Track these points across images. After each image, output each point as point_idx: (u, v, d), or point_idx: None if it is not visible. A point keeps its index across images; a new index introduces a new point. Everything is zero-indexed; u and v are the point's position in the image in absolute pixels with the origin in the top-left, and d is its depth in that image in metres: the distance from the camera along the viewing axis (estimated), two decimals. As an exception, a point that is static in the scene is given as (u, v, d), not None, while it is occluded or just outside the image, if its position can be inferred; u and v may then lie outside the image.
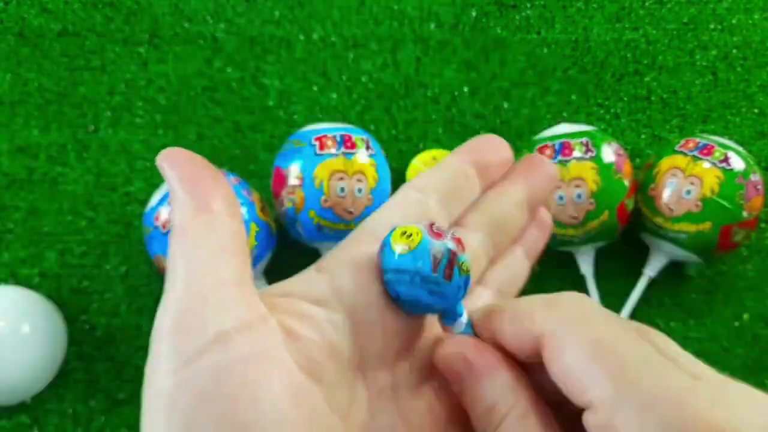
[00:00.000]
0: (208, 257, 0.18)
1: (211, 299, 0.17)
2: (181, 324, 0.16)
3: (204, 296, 0.17)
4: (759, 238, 0.55)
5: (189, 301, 0.17)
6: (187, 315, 0.16)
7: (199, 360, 0.16)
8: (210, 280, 0.17)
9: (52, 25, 0.59)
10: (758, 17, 0.62)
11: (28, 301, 0.48)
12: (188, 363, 0.16)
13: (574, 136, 0.48)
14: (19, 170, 0.55)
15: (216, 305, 0.17)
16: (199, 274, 0.17)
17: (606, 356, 0.16)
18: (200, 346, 0.16)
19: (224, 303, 0.17)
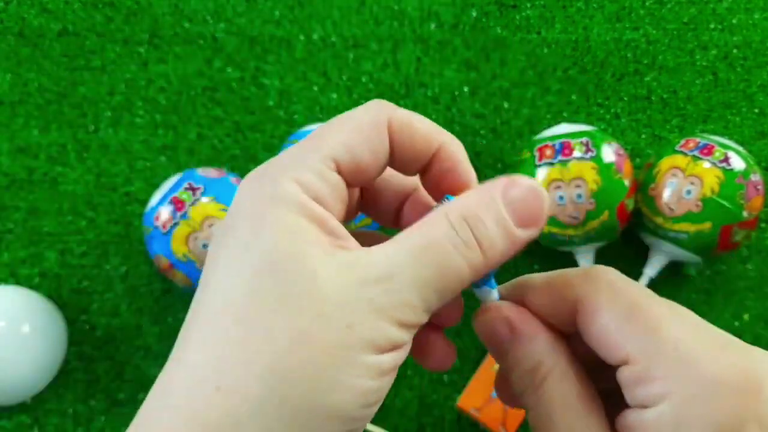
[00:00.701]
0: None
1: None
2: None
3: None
4: (759, 238, 0.55)
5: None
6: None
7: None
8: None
9: (52, 25, 0.59)
10: (759, 17, 0.62)
11: (28, 301, 0.48)
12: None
13: (574, 136, 0.48)
14: (19, 170, 0.55)
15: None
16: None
17: (641, 316, 0.18)
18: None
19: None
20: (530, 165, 0.48)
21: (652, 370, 0.17)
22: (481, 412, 0.47)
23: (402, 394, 0.50)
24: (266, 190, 0.18)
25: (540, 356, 0.20)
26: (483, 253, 0.18)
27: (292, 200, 0.18)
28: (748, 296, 0.53)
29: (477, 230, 0.18)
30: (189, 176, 0.47)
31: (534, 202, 0.19)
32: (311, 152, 0.19)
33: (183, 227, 0.45)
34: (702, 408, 0.16)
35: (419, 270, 0.18)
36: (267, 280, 0.17)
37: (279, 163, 0.19)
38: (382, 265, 0.17)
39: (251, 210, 0.18)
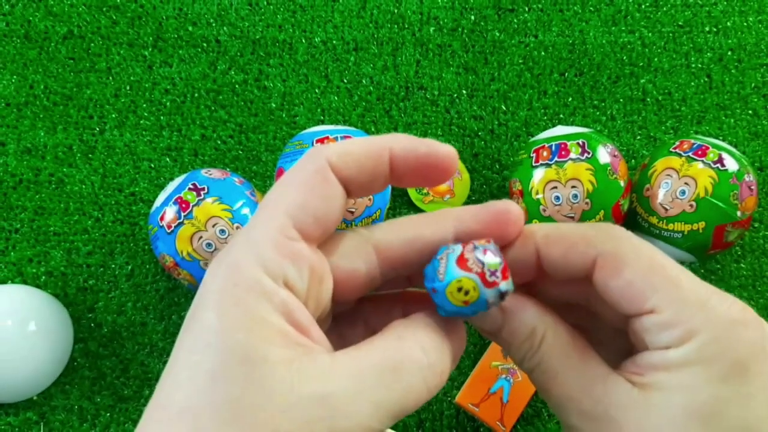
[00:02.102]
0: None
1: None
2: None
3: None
4: (752, 237, 0.56)
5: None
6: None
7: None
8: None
9: (57, 27, 0.60)
10: (753, 20, 0.62)
11: (34, 299, 0.49)
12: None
13: (570, 138, 0.49)
14: (26, 171, 0.56)
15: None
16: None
17: (662, 271, 0.19)
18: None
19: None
20: (527, 166, 0.49)
21: (679, 316, 0.18)
22: (479, 408, 0.48)
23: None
24: (230, 276, 0.18)
25: (533, 322, 0.21)
26: (441, 377, 0.19)
27: (255, 288, 0.17)
28: (741, 295, 0.54)
29: (444, 359, 0.19)
30: (193, 177, 0.48)
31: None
32: (271, 224, 0.19)
33: (187, 227, 0.46)
34: (724, 344, 0.18)
35: (382, 393, 0.17)
36: (224, 388, 0.16)
37: (243, 242, 0.19)
38: (345, 381, 0.17)
39: (215, 300, 0.18)
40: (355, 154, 0.20)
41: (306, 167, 0.20)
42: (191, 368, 0.17)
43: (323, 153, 0.20)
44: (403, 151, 0.20)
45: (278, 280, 0.18)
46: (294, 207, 0.19)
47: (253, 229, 0.19)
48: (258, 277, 0.18)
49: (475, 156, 0.58)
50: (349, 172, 0.20)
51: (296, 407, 0.17)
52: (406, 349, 0.18)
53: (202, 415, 0.16)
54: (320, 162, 0.19)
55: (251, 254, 0.18)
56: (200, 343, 0.17)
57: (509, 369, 0.49)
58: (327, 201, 0.19)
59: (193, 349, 0.17)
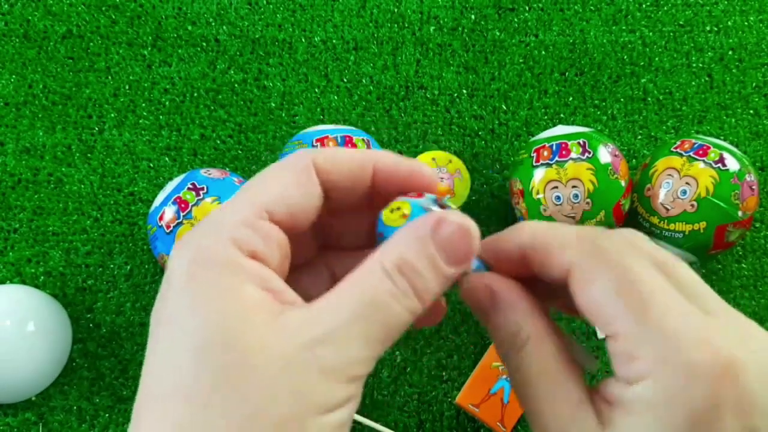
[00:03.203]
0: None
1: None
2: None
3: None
4: (753, 237, 0.56)
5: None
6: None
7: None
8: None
9: (56, 27, 0.60)
10: (753, 19, 0.62)
11: (33, 299, 0.49)
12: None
13: (571, 138, 0.49)
14: (25, 170, 0.56)
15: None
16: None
17: (632, 291, 0.18)
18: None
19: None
20: (528, 166, 0.49)
21: (637, 350, 0.18)
22: (479, 408, 0.48)
23: (401, 390, 0.51)
24: (199, 255, 0.18)
25: (520, 322, 0.20)
26: (420, 300, 0.19)
27: (225, 260, 0.18)
28: (742, 295, 0.54)
29: (412, 279, 0.19)
30: (192, 177, 0.48)
31: (463, 240, 0.19)
32: (241, 207, 0.19)
33: (187, 227, 0.45)
34: (680, 392, 0.17)
35: (365, 326, 0.18)
36: (211, 360, 0.17)
37: (209, 224, 0.19)
38: (327, 323, 0.18)
39: (185, 281, 0.18)
40: (340, 160, 0.21)
41: (291, 163, 0.20)
42: (174, 355, 0.17)
43: (310, 153, 0.20)
44: (385, 167, 0.21)
45: (249, 253, 0.18)
46: (270, 196, 0.19)
47: (224, 210, 0.19)
48: (228, 251, 0.18)
49: (476, 156, 0.58)
50: (333, 176, 0.20)
51: (289, 358, 0.17)
52: (375, 283, 0.18)
53: (196, 388, 0.17)
54: (305, 160, 0.20)
55: (221, 231, 0.18)
56: (176, 330, 0.17)
57: (510, 369, 0.48)
58: (304, 197, 0.20)
59: (172, 337, 0.17)
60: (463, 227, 0.19)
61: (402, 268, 0.19)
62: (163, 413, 0.17)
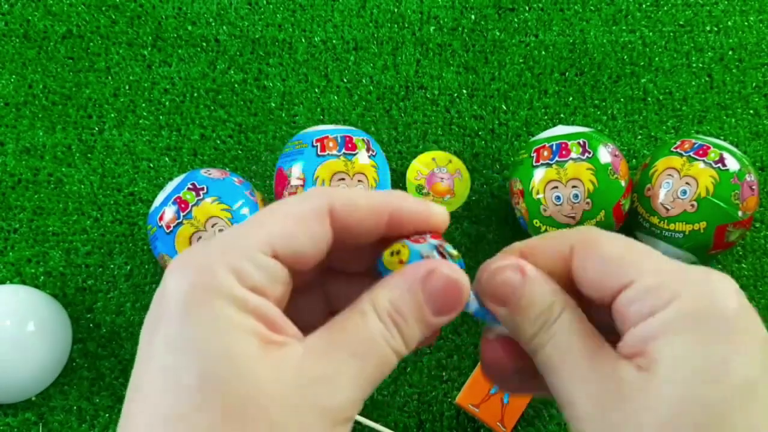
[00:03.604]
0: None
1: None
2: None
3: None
4: (754, 237, 0.56)
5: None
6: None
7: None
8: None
9: (56, 27, 0.60)
10: (754, 19, 0.62)
11: (33, 299, 0.49)
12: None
13: (571, 138, 0.49)
14: (25, 171, 0.56)
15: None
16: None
17: (637, 248, 0.20)
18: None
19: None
20: (528, 166, 0.49)
21: (659, 280, 0.19)
22: (479, 408, 0.48)
23: (401, 390, 0.51)
24: (200, 280, 0.18)
25: (553, 295, 0.21)
26: (406, 345, 0.20)
27: (226, 292, 0.18)
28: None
29: (400, 327, 0.19)
30: (192, 177, 0.48)
31: (452, 294, 0.20)
32: (246, 239, 0.19)
33: (187, 227, 0.45)
34: (708, 301, 0.18)
35: (359, 368, 0.18)
36: (210, 390, 0.17)
37: (213, 249, 0.19)
38: (324, 364, 0.18)
39: (184, 304, 0.18)
40: (360, 209, 0.21)
41: (307, 202, 0.20)
42: (170, 381, 0.17)
43: (329, 195, 0.20)
44: (401, 213, 0.21)
45: (250, 287, 0.18)
46: (277, 234, 0.19)
47: (229, 237, 0.19)
48: (229, 282, 0.18)
49: (476, 156, 0.58)
50: (348, 222, 0.21)
51: (289, 398, 0.17)
52: (369, 322, 0.19)
53: (195, 421, 0.16)
54: (321, 203, 0.20)
55: (223, 259, 0.18)
56: (173, 354, 0.17)
57: (510, 369, 0.48)
58: (312, 240, 0.20)
59: (168, 360, 0.17)
60: (452, 280, 0.20)
61: (392, 315, 0.19)
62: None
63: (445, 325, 0.21)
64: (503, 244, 0.23)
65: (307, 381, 0.18)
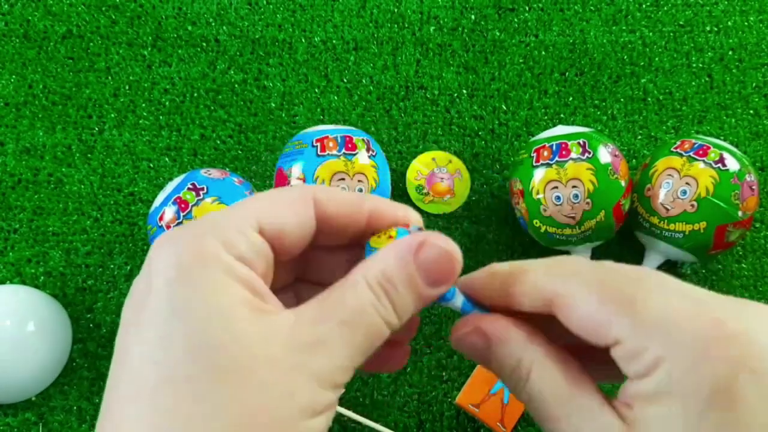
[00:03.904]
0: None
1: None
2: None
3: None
4: (754, 237, 0.56)
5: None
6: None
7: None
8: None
9: (56, 27, 0.60)
10: (754, 19, 0.62)
11: (33, 299, 0.49)
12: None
13: (571, 138, 0.49)
14: (25, 171, 0.56)
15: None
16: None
17: (613, 297, 0.19)
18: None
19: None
20: (528, 166, 0.49)
21: (641, 343, 0.18)
22: (479, 409, 0.48)
23: (401, 390, 0.51)
24: (191, 248, 0.18)
25: (519, 353, 0.20)
26: (397, 315, 0.20)
27: (217, 259, 0.18)
28: (743, 295, 0.54)
29: (392, 296, 0.19)
30: (192, 177, 0.48)
31: (445, 264, 0.20)
32: (234, 215, 0.19)
33: (187, 227, 0.45)
34: (695, 368, 0.17)
35: (349, 336, 0.19)
36: (203, 350, 0.17)
37: (199, 223, 0.19)
38: (315, 329, 0.18)
39: (176, 270, 0.18)
40: (340, 198, 0.21)
41: (292, 189, 0.21)
42: (163, 342, 0.17)
43: (312, 186, 0.21)
44: (379, 209, 0.22)
45: (238, 257, 0.19)
46: (265, 211, 0.20)
47: (215, 215, 0.20)
48: (219, 251, 0.18)
49: (476, 156, 0.58)
50: (330, 211, 0.21)
51: (279, 362, 0.17)
52: (359, 295, 0.19)
53: (188, 379, 0.17)
54: (306, 191, 0.21)
55: (211, 231, 0.19)
56: (164, 316, 0.17)
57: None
58: (298, 222, 0.20)
59: (159, 321, 0.17)
60: (445, 250, 0.20)
61: (383, 283, 0.19)
62: (149, 406, 0.17)
63: (437, 299, 0.21)
64: (503, 245, 0.23)
65: (296, 345, 0.18)
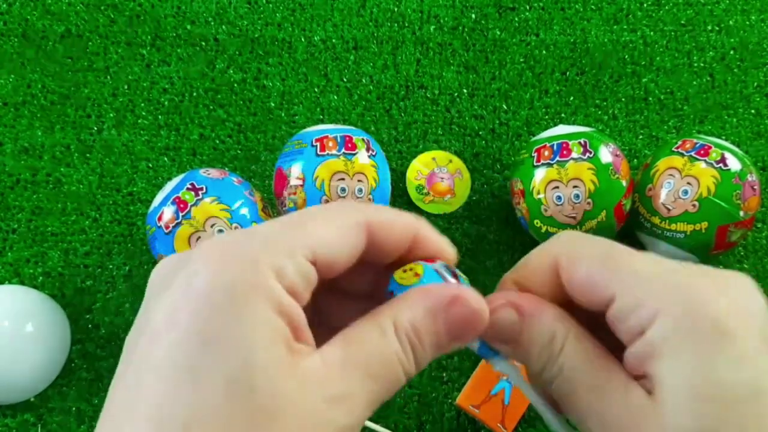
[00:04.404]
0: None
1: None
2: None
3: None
4: (755, 237, 0.56)
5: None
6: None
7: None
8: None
9: (55, 26, 0.60)
10: (755, 18, 0.62)
11: (32, 300, 0.49)
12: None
13: (572, 137, 0.48)
14: (23, 171, 0.56)
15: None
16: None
17: (613, 257, 0.20)
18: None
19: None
20: (528, 166, 0.49)
21: (639, 296, 0.18)
22: (480, 410, 0.47)
23: (401, 391, 0.51)
24: (242, 271, 0.17)
25: (553, 326, 0.20)
26: (417, 367, 0.20)
27: (266, 289, 0.17)
28: (744, 295, 0.54)
29: (416, 350, 0.19)
30: (191, 177, 0.48)
31: (473, 324, 0.20)
32: (291, 239, 0.19)
33: (186, 227, 0.45)
34: (694, 313, 0.18)
35: (372, 387, 0.18)
36: (236, 395, 0.16)
37: (254, 243, 0.18)
38: (342, 384, 0.18)
39: (223, 292, 0.17)
40: (395, 227, 0.21)
41: (347, 214, 0.20)
42: (185, 371, 0.16)
43: (367, 212, 0.20)
44: (423, 236, 0.22)
45: (288, 288, 0.18)
46: (321, 238, 0.19)
47: (275, 237, 0.19)
48: (270, 282, 0.17)
49: (476, 156, 0.58)
50: (380, 241, 0.21)
51: (311, 413, 0.17)
52: (387, 340, 0.19)
53: (210, 427, 0.16)
54: (361, 215, 0.20)
55: (269, 257, 0.18)
56: (195, 345, 0.16)
57: (510, 370, 0.48)
58: (349, 251, 0.20)
59: (186, 350, 0.16)
60: (475, 311, 0.20)
61: (410, 337, 0.19)
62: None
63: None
64: (504, 245, 0.23)
65: (327, 398, 0.17)
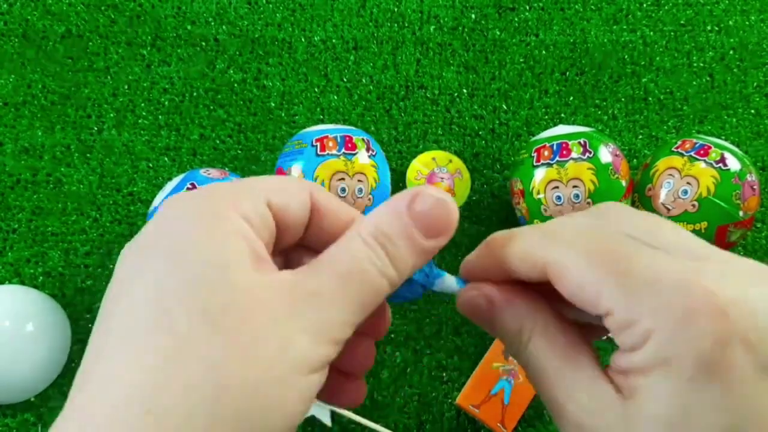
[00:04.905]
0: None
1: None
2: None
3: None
4: (755, 237, 0.56)
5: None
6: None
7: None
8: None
9: (56, 27, 0.60)
10: (755, 19, 0.62)
11: (32, 300, 0.49)
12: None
13: (571, 137, 0.48)
14: (24, 171, 0.56)
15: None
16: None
17: (605, 264, 0.18)
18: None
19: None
20: (528, 166, 0.49)
21: (631, 314, 0.18)
22: (479, 409, 0.47)
23: (401, 391, 0.51)
24: (205, 203, 0.19)
25: (521, 319, 0.21)
26: (396, 268, 0.19)
27: (227, 216, 0.18)
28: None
29: (388, 249, 0.19)
30: (192, 177, 0.48)
31: (441, 214, 0.20)
32: (246, 185, 0.20)
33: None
34: (685, 341, 0.17)
35: (347, 291, 0.19)
36: (204, 292, 0.17)
37: (214, 187, 0.20)
38: (311, 284, 0.18)
39: (193, 220, 0.18)
40: (331, 198, 0.22)
41: (292, 178, 0.22)
42: (163, 280, 0.17)
43: (312, 185, 0.22)
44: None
45: (246, 219, 0.19)
46: (275, 190, 0.20)
47: (233, 186, 0.20)
48: (233, 214, 0.18)
49: (476, 155, 0.58)
50: (321, 202, 0.21)
51: (276, 312, 0.17)
52: (355, 252, 0.19)
53: (183, 318, 0.16)
54: (304, 182, 0.21)
55: (229, 199, 0.19)
56: (173, 256, 0.17)
57: (510, 370, 0.48)
58: (300, 203, 0.21)
59: (164, 261, 0.17)
60: (439, 199, 0.20)
61: (378, 237, 0.19)
62: (139, 343, 0.16)
63: (438, 251, 0.20)
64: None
65: (294, 299, 0.18)
